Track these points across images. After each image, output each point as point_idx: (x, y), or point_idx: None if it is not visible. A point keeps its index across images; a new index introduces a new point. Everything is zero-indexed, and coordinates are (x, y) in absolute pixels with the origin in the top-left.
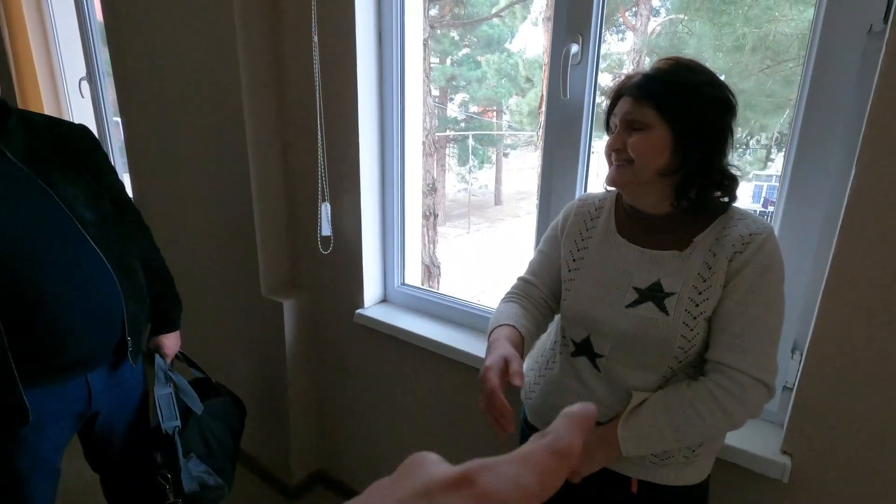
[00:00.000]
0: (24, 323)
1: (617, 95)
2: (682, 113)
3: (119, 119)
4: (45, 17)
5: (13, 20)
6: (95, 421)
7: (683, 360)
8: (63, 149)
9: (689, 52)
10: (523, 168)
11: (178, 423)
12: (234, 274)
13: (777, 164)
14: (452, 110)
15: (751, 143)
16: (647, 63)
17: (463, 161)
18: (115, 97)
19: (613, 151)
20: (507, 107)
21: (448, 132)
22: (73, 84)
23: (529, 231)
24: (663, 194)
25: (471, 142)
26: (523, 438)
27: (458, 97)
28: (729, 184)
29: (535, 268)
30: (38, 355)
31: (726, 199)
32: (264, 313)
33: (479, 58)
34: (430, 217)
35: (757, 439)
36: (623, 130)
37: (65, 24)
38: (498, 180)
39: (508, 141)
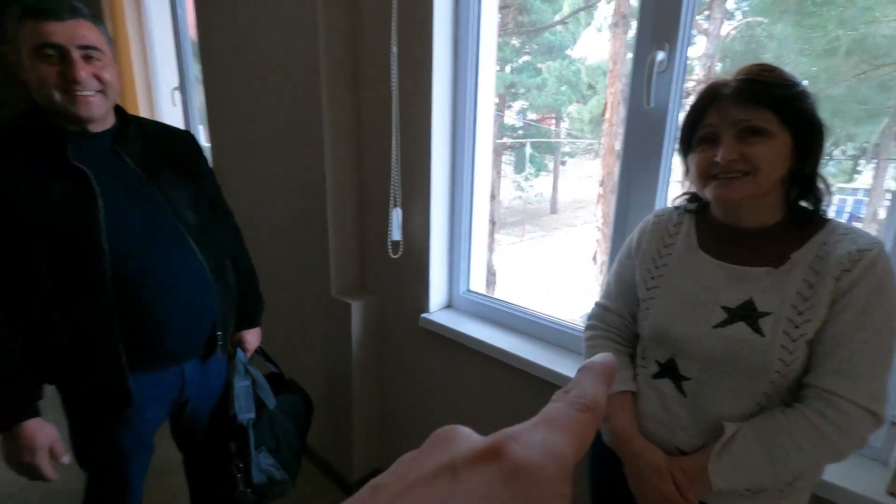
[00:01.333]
0: (135, 316)
1: (705, 104)
2: (799, 116)
3: (204, 126)
4: (145, 33)
5: (117, 35)
6: (186, 407)
7: (780, 384)
8: (170, 153)
9: (767, 56)
10: (581, 177)
11: (253, 415)
12: (306, 275)
13: (865, 176)
14: (510, 117)
15: (835, 154)
16: (720, 68)
17: (519, 168)
18: (202, 105)
19: (729, 162)
20: (567, 114)
21: (505, 139)
22: (166, 93)
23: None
24: (773, 205)
25: (528, 149)
26: (595, 459)
27: (517, 104)
28: (825, 189)
29: (611, 291)
30: (143, 345)
31: (821, 208)
32: (333, 313)
33: (539, 65)
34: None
35: (859, 476)
36: (734, 139)
37: (161, 40)
38: (554, 188)
39: (567, 149)
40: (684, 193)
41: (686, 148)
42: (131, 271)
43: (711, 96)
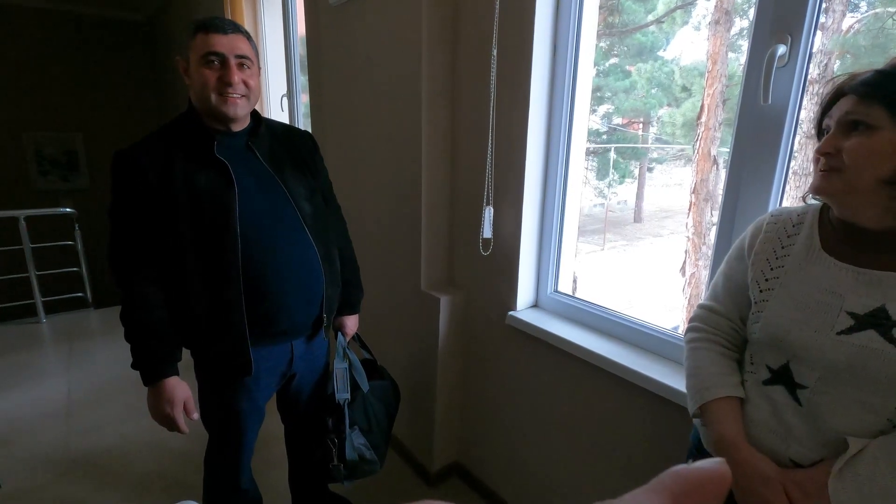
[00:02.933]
0: (257, 294)
1: (836, 96)
2: None
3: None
4: (260, 45)
5: None
6: (292, 381)
7: None
8: (293, 151)
9: None
10: (669, 184)
11: (349, 396)
12: (399, 268)
13: None
14: (594, 122)
15: None
16: (838, 67)
17: (602, 175)
18: (306, 110)
19: (823, 156)
20: (657, 118)
21: (588, 144)
22: (275, 99)
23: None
24: (889, 207)
25: (612, 155)
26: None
27: (602, 108)
28: None
29: (718, 293)
30: (264, 321)
31: None
32: (422, 307)
33: (628, 67)
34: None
35: None
36: (839, 132)
37: (273, 51)
38: (639, 196)
39: (654, 155)
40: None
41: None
42: (257, 253)
43: (843, 87)
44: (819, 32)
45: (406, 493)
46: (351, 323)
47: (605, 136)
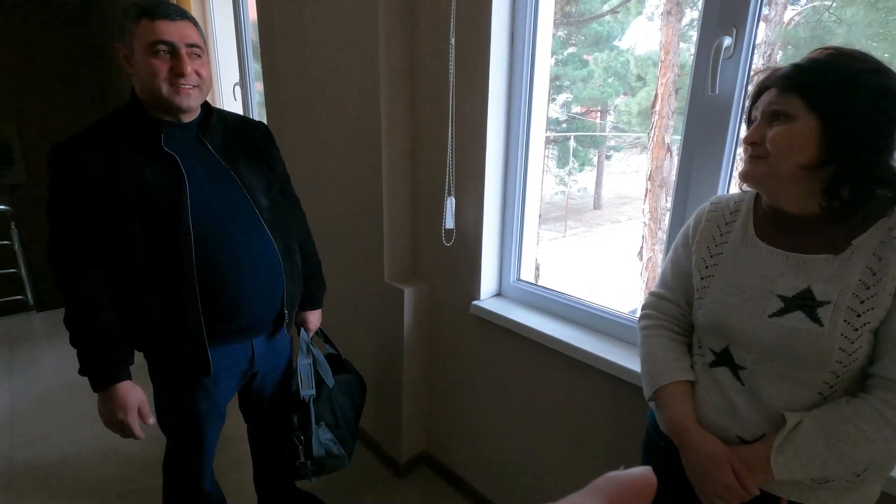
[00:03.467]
0: (213, 292)
1: (762, 88)
2: (832, 102)
3: (263, 119)
4: (209, 31)
5: None
6: (254, 380)
7: (843, 375)
8: (248, 143)
9: (835, 42)
10: (626, 172)
11: (314, 391)
12: (362, 261)
13: None
14: (554, 111)
15: None
16: (780, 57)
17: (562, 163)
18: (261, 100)
19: (749, 145)
20: (614, 107)
21: (548, 133)
22: (227, 89)
23: (631, 238)
24: (809, 192)
25: (572, 143)
26: (651, 449)
27: (561, 97)
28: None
29: (667, 280)
30: (221, 320)
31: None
32: (386, 299)
33: (586, 56)
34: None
35: None
36: (764, 122)
37: (224, 39)
38: (598, 183)
39: (612, 143)
40: None
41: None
42: (211, 250)
43: (767, 80)
44: (763, 24)
45: (375, 485)
46: (314, 318)
47: (564, 125)
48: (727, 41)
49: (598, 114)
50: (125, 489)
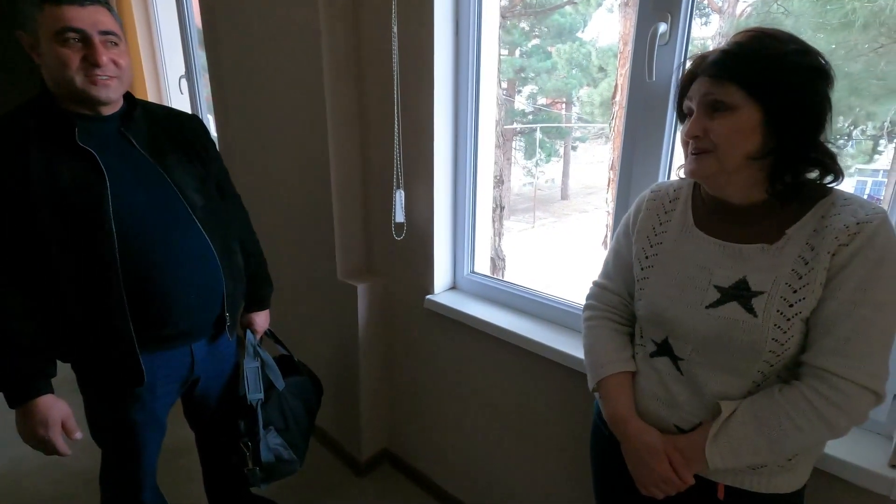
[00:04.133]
0: (143, 295)
1: (690, 77)
2: (771, 88)
3: (211, 114)
4: (151, 21)
5: (124, 22)
6: (196, 386)
7: (775, 363)
8: (177, 137)
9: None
10: (592, 162)
11: (262, 395)
12: (313, 258)
13: (886, 157)
14: (520, 103)
15: (854, 134)
16: None
17: (530, 154)
18: (209, 93)
19: (692, 139)
20: (578, 98)
21: (515, 125)
22: (173, 81)
23: (597, 227)
24: (754, 181)
25: (538, 135)
26: (597, 437)
27: (527, 89)
28: (829, 162)
29: (609, 270)
30: (153, 325)
31: (827, 181)
32: (339, 296)
33: (549, 48)
34: (497, 209)
35: (861, 450)
36: (702, 114)
37: (167, 28)
38: (565, 174)
39: (577, 134)
40: (682, 166)
41: (681, 117)
42: (138, 251)
43: (695, 69)
44: (716, 15)
45: (336, 485)
46: (260, 319)
47: (530, 116)
48: (662, 27)
49: (563, 105)
50: None
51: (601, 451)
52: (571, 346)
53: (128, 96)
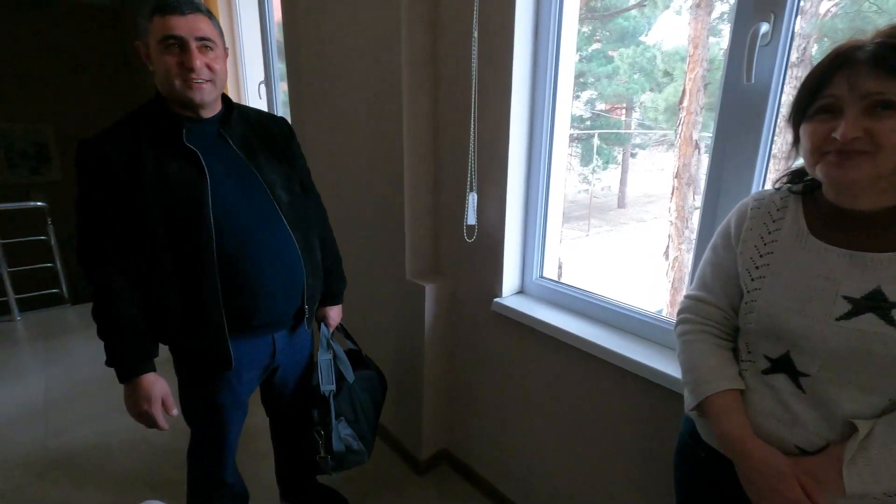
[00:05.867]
0: (235, 287)
1: (833, 68)
2: None
3: (287, 117)
4: (235, 31)
5: None
6: (275, 374)
7: None
8: (268, 137)
9: None
10: (652, 169)
11: (334, 387)
12: (383, 257)
13: None
14: (577, 108)
15: None
16: (816, 50)
17: (586, 161)
18: (285, 98)
19: (849, 141)
20: (640, 104)
21: (572, 131)
22: (252, 87)
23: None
24: (891, 186)
25: (596, 141)
26: (688, 458)
27: (585, 94)
28: None
29: (707, 281)
30: (242, 315)
31: None
32: (407, 296)
33: (611, 52)
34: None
35: None
36: (860, 113)
37: (249, 38)
38: (623, 182)
39: (637, 140)
40: (786, 173)
41: (799, 116)
42: (232, 245)
43: (842, 60)
44: (798, 16)
45: (396, 482)
46: (334, 314)
47: (588, 122)
48: (764, 27)
49: (623, 111)
50: (152, 479)
51: (695, 473)
52: (646, 356)
53: (226, 100)
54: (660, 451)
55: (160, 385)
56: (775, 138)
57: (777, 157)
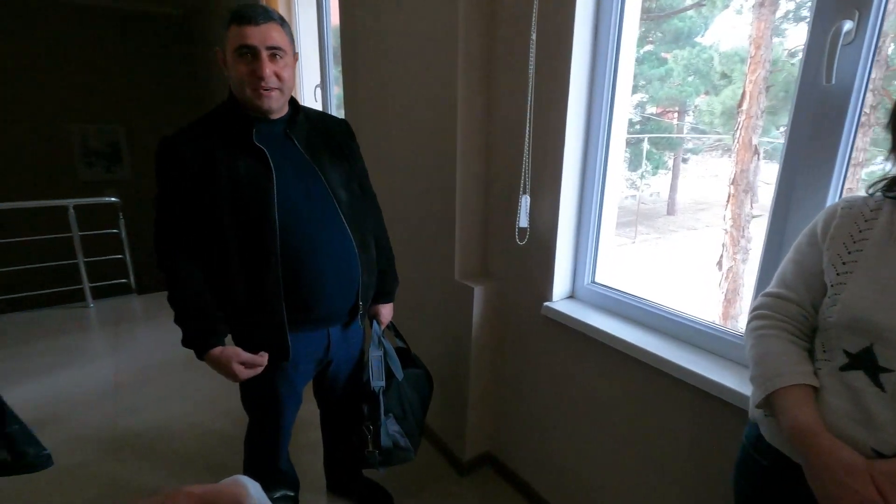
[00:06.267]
0: (295, 280)
1: None
2: None
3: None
4: (295, 36)
5: None
6: (328, 367)
7: None
8: (329, 138)
9: None
10: (705, 175)
11: (384, 383)
12: (432, 257)
13: None
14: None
15: None
16: (893, 50)
17: (635, 166)
18: (339, 103)
19: None
20: (694, 107)
21: None
22: (309, 89)
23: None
24: None
25: (645, 145)
26: (751, 468)
27: (635, 97)
28: None
29: (788, 280)
30: (301, 308)
31: None
32: (456, 296)
33: (664, 54)
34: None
35: None
36: None
37: (307, 42)
38: (673, 188)
39: (689, 145)
40: (883, 179)
41: None
42: (294, 240)
43: None
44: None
45: (438, 481)
46: (386, 311)
47: (638, 126)
48: (847, 25)
49: (676, 114)
50: (210, 462)
51: (757, 486)
52: (704, 367)
53: (293, 102)
54: (717, 465)
55: (227, 352)
56: (856, 144)
57: (855, 164)
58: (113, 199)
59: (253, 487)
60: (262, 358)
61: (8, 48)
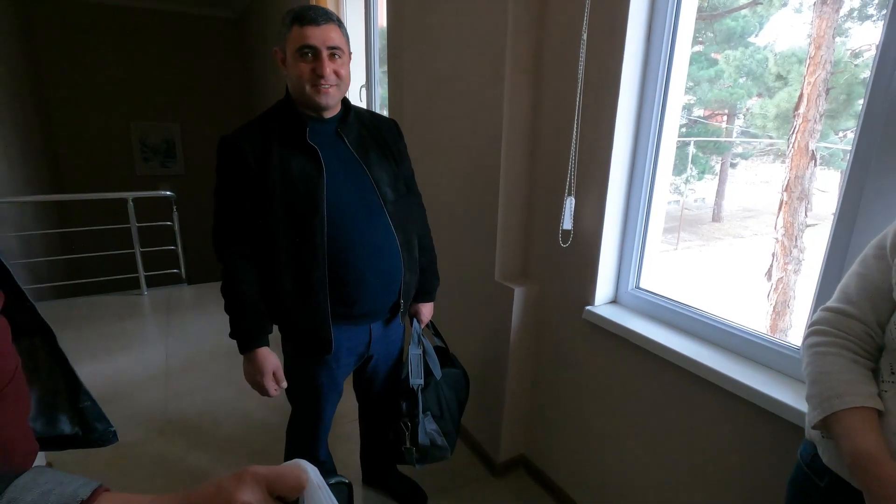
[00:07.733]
0: (340, 276)
1: None
2: None
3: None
4: None
5: None
6: (369, 362)
7: None
8: (378, 137)
9: None
10: (754, 181)
11: (422, 381)
12: (473, 258)
13: None
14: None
15: None
16: None
17: (679, 170)
18: (383, 102)
19: None
20: (746, 109)
21: None
22: (354, 89)
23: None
24: None
25: (691, 149)
26: (805, 488)
27: (683, 100)
28: None
29: (851, 294)
30: (345, 303)
31: None
32: (496, 297)
33: (714, 55)
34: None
35: None
36: None
37: (353, 42)
38: (719, 193)
39: (739, 149)
40: None
41: None
42: (340, 237)
43: None
44: None
45: (472, 481)
46: (426, 310)
47: (684, 129)
48: None
49: (725, 117)
50: (252, 448)
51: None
52: (757, 380)
53: (345, 102)
54: (769, 483)
55: (272, 360)
56: None
57: None
58: (168, 192)
59: (313, 472)
60: (280, 384)
61: (82, 54)
